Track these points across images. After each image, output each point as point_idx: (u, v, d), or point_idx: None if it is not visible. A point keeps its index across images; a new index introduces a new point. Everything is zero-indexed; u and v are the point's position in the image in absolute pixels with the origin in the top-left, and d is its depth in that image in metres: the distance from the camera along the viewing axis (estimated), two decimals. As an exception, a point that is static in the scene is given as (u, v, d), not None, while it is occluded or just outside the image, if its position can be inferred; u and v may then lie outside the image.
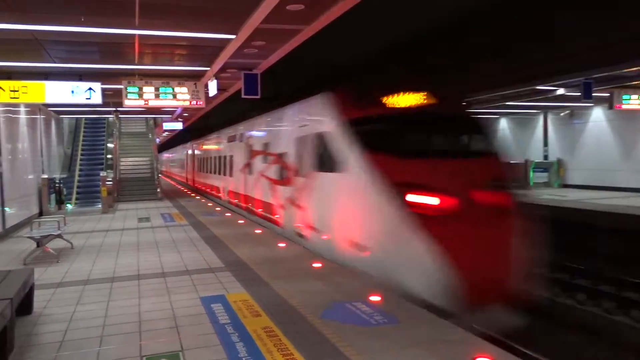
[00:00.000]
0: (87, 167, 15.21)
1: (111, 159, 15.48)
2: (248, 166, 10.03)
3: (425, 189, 3.27)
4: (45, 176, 11.46)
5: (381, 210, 3.74)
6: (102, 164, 15.48)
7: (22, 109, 10.35)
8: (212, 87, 8.78)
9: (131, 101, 8.55)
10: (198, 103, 8.88)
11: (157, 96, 8.64)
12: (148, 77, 8.73)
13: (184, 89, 8.83)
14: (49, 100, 7.78)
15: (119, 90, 9.49)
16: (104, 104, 11.36)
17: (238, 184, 11.02)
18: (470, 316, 2.88)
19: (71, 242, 7.49)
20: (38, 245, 6.39)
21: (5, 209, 8.53)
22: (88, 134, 17.10)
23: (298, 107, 7.32)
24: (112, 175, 14.37)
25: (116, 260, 6.42)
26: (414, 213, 3.14)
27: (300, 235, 6.69)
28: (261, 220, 8.95)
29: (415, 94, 4.82)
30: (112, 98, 10.33)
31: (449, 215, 2.98)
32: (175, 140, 32.17)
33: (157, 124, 21.02)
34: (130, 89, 8.53)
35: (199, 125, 20.82)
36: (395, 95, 4.77)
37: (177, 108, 9.34)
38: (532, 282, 2.93)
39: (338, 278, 5.10)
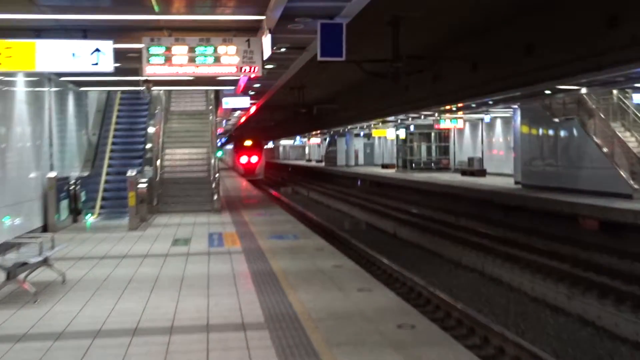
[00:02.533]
0: (120, 162, 16.71)
1: (150, 150, 16.93)
2: None
3: None
4: (54, 174, 12.60)
5: None
6: (141, 157, 17.04)
7: (22, 78, 11.29)
8: (266, 46, 8.84)
9: (154, 67, 8.94)
10: (253, 70, 9.08)
11: (191, 60, 8.95)
12: (179, 31, 9.06)
13: (232, 49, 9.01)
14: (41, 66, 8.46)
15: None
16: (128, 71, 12.35)
17: None
18: None
19: (64, 273, 8.09)
20: (8, 278, 6.88)
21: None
22: (124, 113, 18.91)
23: None
24: (149, 174, 15.74)
25: (116, 303, 6.77)
26: None
27: None
28: None
29: None
30: (135, 63, 11.04)
31: None
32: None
33: (219, 99, 22.52)
34: (153, 50, 8.90)
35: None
36: None
37: (228, 76, 9.67)
38: None
39: (428, 351, 4.91)
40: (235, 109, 28.13)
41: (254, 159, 49.64)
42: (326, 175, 47.46)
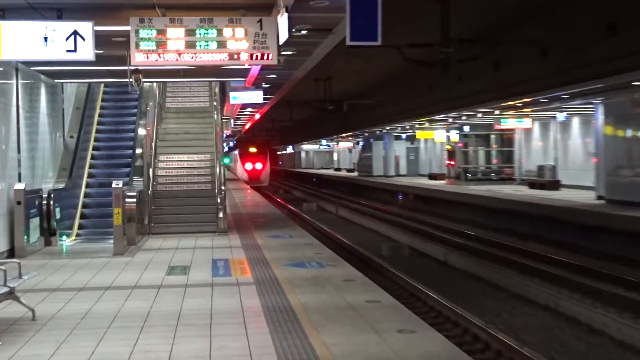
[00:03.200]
0: (103, 171, 16.95)
1: (141, 156, 17.14)
2: None
3: None
4: (22, 186, 12.79)
5: None
6: (130, 165, 17.20)
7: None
8: (282, 27, 8.90)
9: (145, 55, 9.06)
10: (267, 57, 9.15)
11: (190, 45, 9.04)
12: (175, 10, 9.12)
13: (240, 32, 9.08)
14: (6, 54, 8.60)
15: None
16: (113, 60, 12.51)
17: None
18: None
19: (33, 308, 8.14)
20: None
21: None
22: (109, 111, 19.13)
23: None
24: (139, 186, 15.88)
25: (96, 346, 6.83)
26: None
27: None
28: None
29: None
30: (121, 49, 11.15)
31: None
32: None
33: (225, 93, 22.75)
34: (143, 33, 8.99)
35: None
36: None
37: (235, 65, 9.71)
38: None
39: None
40: (245, 106, 28.32)
41: (259, 165, 57.18)
42: (359, 187, 47.71)
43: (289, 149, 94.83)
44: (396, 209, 33.90)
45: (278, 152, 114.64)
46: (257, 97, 21.57)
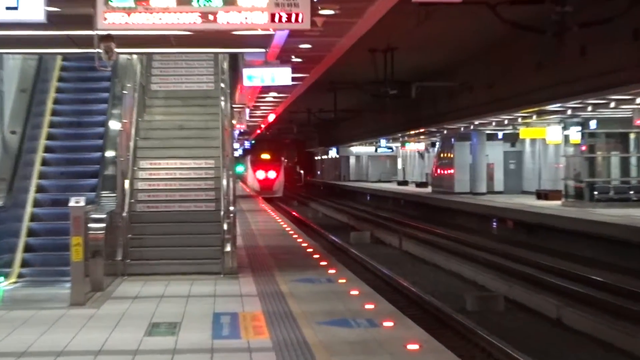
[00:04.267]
0: (58, 183, 17.08)
1: (114, 162, 17.29)
2: None
3: None
4: None
5: None
6: (97, 175, 17.16)
7: None
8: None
9: (119, 15, 9.28)
10: (295, 19, 9.31)
11: (184, 1, 9.26)
12: None
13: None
14: None
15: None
16: (73, 21, 12.65)
17: None
18: None
19: None
20: None
21: None
22: (68, 96, 19.21)
23: None
24: (109, 206, 15.99)
25: None
26: None
27: None
28: None
29: None
30: (84, 6, 11.07)
31: None
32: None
33: (238, 71, 22.71)
34: None
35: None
36: None
37: (251, 30, 9.65)
38: None
39: None
40: (267, 89, 28.43)
41: (272, 174, 67.01)
42: (434, 209, 47.95)
43: (332, 153, 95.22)
44: (488, 243, 33.75)
45: (316, 157, 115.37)
46: (283, 76, 21.58)
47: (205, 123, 19.94)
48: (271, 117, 49.54)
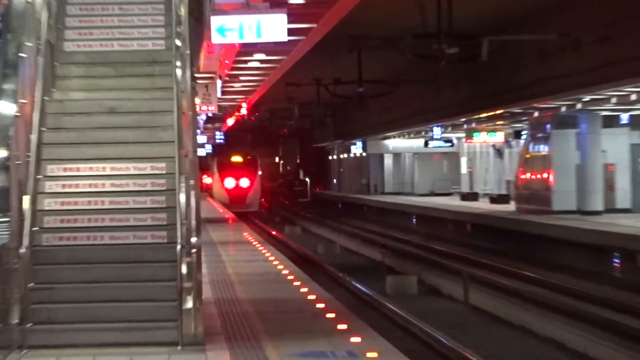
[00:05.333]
0: None
1: (4, 165, 17.19)
2: None
3: None
4: None
5: None
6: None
7: None
8: None
9: None
10: None
11: None
12: None
13: None
14: None
15: None
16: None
17: None
18: None
19: None
20: None
21: None
22: None
23: None
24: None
25: None
26: None
27: None
28: None
29: None
30: None
31: None
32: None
33: (204, 22, 22.66)
34: None
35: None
36: None
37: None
38: None
39: None
40: (250, 49, 28.49)
41: (245, 182, 74.34)
42: (521, 238, 48.04)
43: (356, 150, 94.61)
44: (607, 291, 33.75)
45: (330, 157, 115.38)
46: (274, 27, 21.50)
47: (151, 104, 19.50)
48: (257, 95, 49.52)
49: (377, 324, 23.80)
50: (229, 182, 72.59)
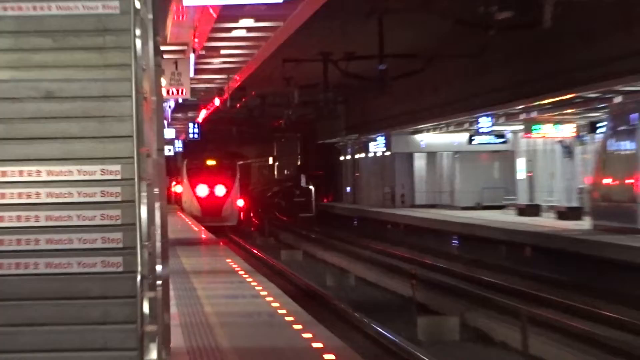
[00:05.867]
0: None
1: None
2: None
3: None
4: None
5: None
6: None
7: None
8: None
9: None
10: None
11: None
12: None
13: None
14: None
15: None
16: None
17: None
18: None
19: None
20: None
21: None
22: None
23: None
24: None
25: None
26: None
27: None
28: None
29: None
30: None
31: None
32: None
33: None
34: None
35: None
36: None
37: None
38: None
39: None
40: (233, 12, 28.67)
41: (220, 190, 77.65)
42: (600, 267, 48.13)
43: (376, 147, 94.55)
44: None
45: (341, 158, 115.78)
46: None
47: (102, 87, 19.47)
48: (243, 75, 49.59)
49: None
50: (201, 190, 75.14)
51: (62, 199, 18.05)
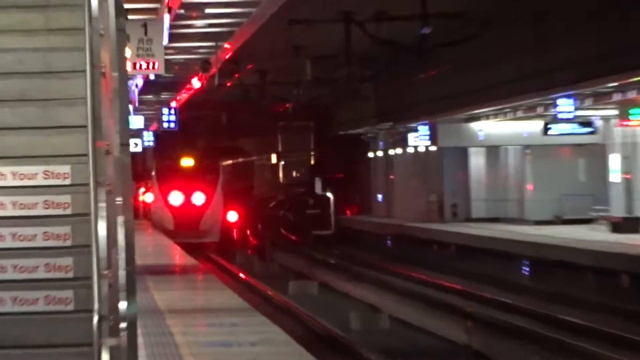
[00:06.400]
0: None
1: None
2: None
3: None
4: None
5: None
6: None
7: None
8: None
9: None
10: None
11: None
12: None
13: None
14: None
15: None
16: None
17: None
18: None
19: None
20: None
21: None
22: None
23: None
24: None
25: None
26: None
27: None
28: None
29: None
30: None
31: None
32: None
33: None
34: None
35: None
36: None
37: None
38: None
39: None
40: None
41: (199, 198, 79.16)
42: None
43: (416, 141, 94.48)
44: None
45: (370, 155, 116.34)
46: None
47: (45, 58, 19.56)
48: (236, 42, 49.79)
49: None
50: (175, 198, 75.66)
51: (-6, 213, 17.89)
